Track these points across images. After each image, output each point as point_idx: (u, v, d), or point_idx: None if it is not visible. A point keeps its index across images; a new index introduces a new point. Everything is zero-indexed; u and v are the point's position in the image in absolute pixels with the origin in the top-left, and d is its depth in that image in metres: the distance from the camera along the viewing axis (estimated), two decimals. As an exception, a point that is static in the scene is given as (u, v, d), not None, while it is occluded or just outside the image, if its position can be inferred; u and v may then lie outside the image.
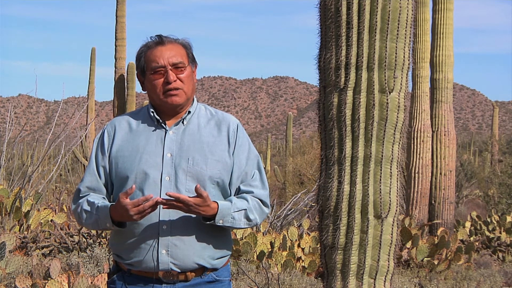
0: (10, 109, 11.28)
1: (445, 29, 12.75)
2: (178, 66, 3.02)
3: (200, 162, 2.96)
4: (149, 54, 3.03)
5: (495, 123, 38.68)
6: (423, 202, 12.68)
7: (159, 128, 3.04)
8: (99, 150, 3.06)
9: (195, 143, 3.00)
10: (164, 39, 3.05)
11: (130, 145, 3.01)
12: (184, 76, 3.02)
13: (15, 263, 5.93)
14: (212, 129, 3.05)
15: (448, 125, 12.74)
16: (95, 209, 2.95)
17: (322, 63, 3.43)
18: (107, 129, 3.10)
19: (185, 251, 2.92)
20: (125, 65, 20.05)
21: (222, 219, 2.91)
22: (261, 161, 3.18)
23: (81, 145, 17.92)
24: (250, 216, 2.98)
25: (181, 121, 3.04)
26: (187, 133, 3.02)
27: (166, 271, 2.93)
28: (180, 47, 3.06)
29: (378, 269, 3.42)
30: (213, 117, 3.10)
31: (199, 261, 2.95)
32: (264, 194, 3.06)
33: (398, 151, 3.40)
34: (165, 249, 2.91)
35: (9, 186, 10.00)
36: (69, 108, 72.56)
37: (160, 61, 3.00)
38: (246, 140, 3.10)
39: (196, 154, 2.97)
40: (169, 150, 2.98)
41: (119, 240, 3.01)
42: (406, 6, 3.34)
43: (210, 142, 3.01)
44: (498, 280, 8.91)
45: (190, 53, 3.10)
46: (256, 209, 3.02)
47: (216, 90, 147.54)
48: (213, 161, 2.98)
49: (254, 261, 8.24)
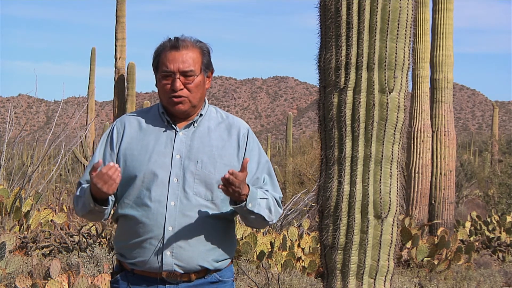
0: (10, 109, 11.28)
1: (445, 29, 12.76)
2: (188, 75, 2.97)
3: (208, 165, 2.95)
4: (163, 56, 2.99)
5: (495, 123, 38.69)
6: (423, 202, 12.68)
7: (169, 128, 3.02)
8: (108, 145, 3.04)
9: (204, 146, 2.98)
10: (180, 44, 2.98)
11: (139, 144, 3.00)
12: (192, 85, 2.98)
13: (15, 263, 5.93)
14: (222, 133, 3.03)
15: (448, 125, 12.75)
16: (83, 192, 2.95)
17: (322, 63, 3.43)
18: (117, 125, 3.07)
19: (190, 253, 2.92)
20: (125, 65, 20.06)
21: (251, 203, 2.89)
22: (272, 167, 3.14)
23: (81, 145, 17.93)
24: (271, 207, 2.98)
25: (192, 123, 3.03)
26: (197, 136, 3.00)
27: (170, 271, 2.93)
28: (195, 53, 3.00)
29: (378, 269, 3.42)
30: (223, 120, 3.08)
31: (203, 263, 2.95)
32: (277, 196, 3.06)
33: (398, 151, 3.40)
34: (170, 251, 2.91)
35: (9, 186, 10.00)
36: (69, 108, 72.56)
37: (170, 67, 2.96)
38: (257, 145, 3.08)
39: (205, 157, 2.96)
40: (178, 151, 2.97)
41: (123, 239, 3.01)
42: (406, 6, 3.34)
43: (219, 145, 3.00)
44: (498, 280, 8.91)
45: (206, 59, 3.04)
46: (275, 205, 3.02)
47: (216, 90, 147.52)
48: (221, 165, 2.96)
49: (254, 261, 8.24)
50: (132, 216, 2.95)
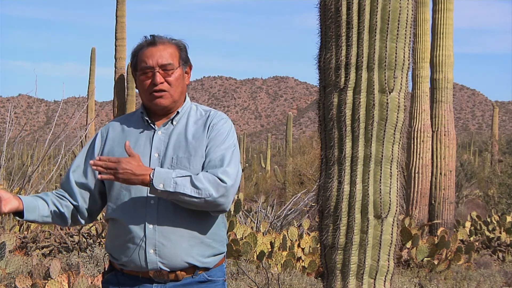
0: (10, 109, 11.27)
1: (445, 29, 12.76)
2: (167, 68, 2.99)
3: (183, 160, 2.95)
4: (141, 53, 3.02)
5: (495, 123, 38.69)
6: (423, 202, 12.68)
7: (148, 128, 3.04)
8: (89, 151, 3.10)
9: (180, 142, 2.99)
10: (156, 40, 3.02)
11: (120, 146, 3.02)
12: (172, 79, 3.00)
13: (15, 263, 5.93)
14: (198, 128, 3.02)
15: (448, 125, 12.75)
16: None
17: (322, 63, 3.43)
18: (101, 131, 3.13)
19: (173, 250, 2.91)
20: (125, 65, 20.04)
21: (162, 183, 2.82)
22: (237, 154, 3.01)
23: (81, 145, 17.91)
24: (197, 184, 2.85)
25: (169, 121, 3.04)
26: (174, 133, 3.02)
27: (156, 270, 2.93)
28: (172, 48, 3.03)
29: (378, 269, 3.42)
30: (202, 117, 3.07)
31: (188, 259, 2.93)
32: (219, 171, 2.90)
33: (398, 151, 3.40)
34: (153, 249, 2.91)
35: (9, 186, 10.00)
36: (69, 108, 72.57)
37: (148, 62, 2.99)
38: (225, 132, 3.01)
39: (180, 152, 2.97)
40: (156, 150, 2.99)
41: (110, 240, 3.04)
42: (406, 6, 3.34)
43: (194, 141, 2.99)
44: (498, 280, 8.91)
45: (184, 54, 3.07)
46: (208, 180, 2.87)
47: (216, 90, 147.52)
48: (197, 158, 2.95)
49: (254, 261, 8.24)
50: (116, 218, 2.98)
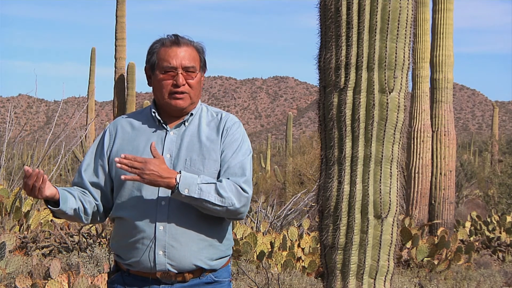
0: (10, 109, 11.28)
1: (445, 29, 12.76)
2: (189, 71, 2.99)
3: (197, 162, 2.95)
4: (163, 52, 2.99)
5: (495, 123, 38.70)
6: (423, 202, 12.68)
7: (160, 128, 3.03)
8: (99, 149, 3.06)
9: (193, 144, 2.98)
10: (180, 40, 3.00)
11: (130, 145, 3.01)
12: (193, 82, 3.01)
13: (15, 263, 5.93)
14: (212, 130, 3.03)
15: (448, 125, 12.75)
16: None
17: (322, 63, 3.43)
18: (109, 128, 3.09)
19: (182, 252, 2.91)
20: (125, 65, 20.06)
21: (187, 188, 2.82)
22: (250, 161, 3.07)
23: (81, 145, 17.93)
24: (221, 192, 2.87)
25: (182, 122, 3.03)
26: (187, 134, 3.01)
27: (164, 271, 2.92)
28: (194, 51, 3.03)
29: (378, 269, 3.42)
30: (213, 118, 3.08)
31: (196, 262, 2.93)
32: (241, 180, 2.94)
33: (398, 151, 3.40)
34: (162, 250, 2.91)
35: (9, 186, 10.01)
36: (69, 108, 72.50)
37: (172, 62, 2.97)
38: (240, 137, 3.03)
39: (194, 154, 2.96)
40: (168, 151, 2.98)
41: (118, 240, 3.02)
42: (406, 6, 3.34)
43: (208, 142, 2.99)
44: (498, 280, 8.91)
45: (203, 58, 3.07)
46: (231, 189, 2.90)
47: (216, 90, 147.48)
48: (211, 162, 2.96)
49: (254, 261, 8.24)
50: (125, 217, 2.96)
